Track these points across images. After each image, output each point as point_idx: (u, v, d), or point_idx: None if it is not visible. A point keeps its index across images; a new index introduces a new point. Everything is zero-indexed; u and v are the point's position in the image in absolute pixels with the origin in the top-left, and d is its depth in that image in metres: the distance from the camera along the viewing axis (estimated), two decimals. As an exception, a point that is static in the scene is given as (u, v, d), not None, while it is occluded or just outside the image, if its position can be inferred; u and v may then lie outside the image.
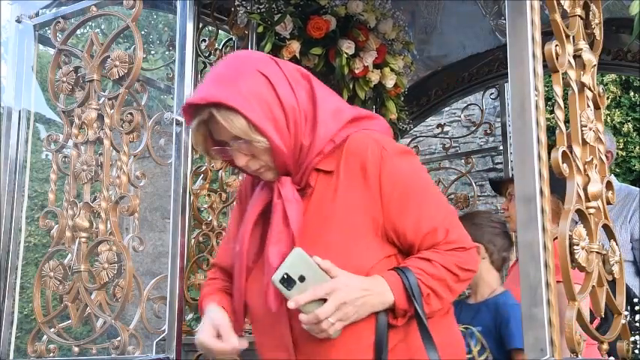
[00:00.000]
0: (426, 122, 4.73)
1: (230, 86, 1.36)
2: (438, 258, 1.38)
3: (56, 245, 2.51)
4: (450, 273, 1.38)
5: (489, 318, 2.26)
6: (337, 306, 1.28)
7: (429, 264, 1.36)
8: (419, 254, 1.39)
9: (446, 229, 1.41)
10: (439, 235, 1.39)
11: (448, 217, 1.45)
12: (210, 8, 2.87)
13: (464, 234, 1.46)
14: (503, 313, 2.23)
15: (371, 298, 1.32)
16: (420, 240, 1.39)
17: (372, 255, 1.38)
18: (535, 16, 1.63)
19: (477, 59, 3.77)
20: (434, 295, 1.36)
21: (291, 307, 1.28)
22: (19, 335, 2.79)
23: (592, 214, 1.70)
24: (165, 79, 3.39)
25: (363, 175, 1.39)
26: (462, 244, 1.42)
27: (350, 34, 2.92)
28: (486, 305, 2.30)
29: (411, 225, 1.39)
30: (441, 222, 1.41)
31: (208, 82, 1.43)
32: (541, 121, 1.58)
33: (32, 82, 2.82)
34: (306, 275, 1.29)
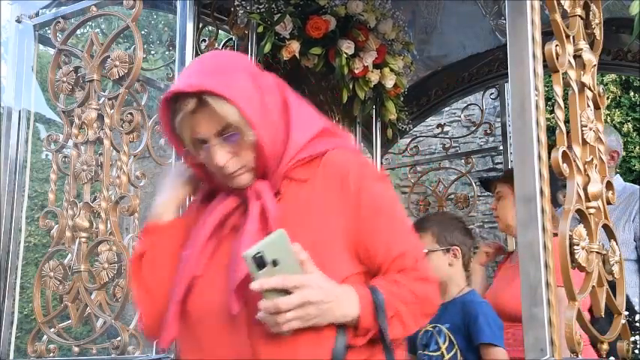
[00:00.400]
0: (426, 122, 4.73)
1: (219, 76, 1.33)
2: (407, 282, 1.32)
3: (56, 245, 2.51)
4: (416, 300, 1.32)
5: (458, 316, 2.31)
6: (302, 303, 1.20)
7: (397, 286, 1.30)
8: (388, 276, 1.33)
9: (415, 258, 1.36)
10: (408, 260, 1.34)
11: (418, 247, 1.43)
12: (210, 8, 2.87)
13: (429, 269, 1.41)
14: (471, 311, 2.29)
15: (337, 306, 1.25)
16: (390, 262, 1.34)
17: (344, 268, 1.32)
18: (535, 16, 1.63)
19: (477, 59, 3.77)
20: (398, 321, 1.29)
21: (254, 288, 1.19)
22: (19, 335, 2.79)
23: (592, 214, 1.70)
24: (165, 79, 3.39)
25: (341, 189, 1.35)
26: (428, 276, 1.36)
27: (350, 34, 2.92)
28: (454, 304, 2.36)
29: (382, 246, 1.34)
30: (411, 249, 1.37)
31: (194, 72, 1.37)
32: (541, 121, 1.58)
33: (32, 82, 2.82)
34: (281, 260, 1.20)
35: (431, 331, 2.35)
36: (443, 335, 2.31)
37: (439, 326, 2.34)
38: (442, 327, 2.32)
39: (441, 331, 2.32)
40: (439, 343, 2.29)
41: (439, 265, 2.38)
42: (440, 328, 2.33)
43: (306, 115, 1.43)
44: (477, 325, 2.25)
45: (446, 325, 2.32)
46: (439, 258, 2.40)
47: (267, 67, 3.02)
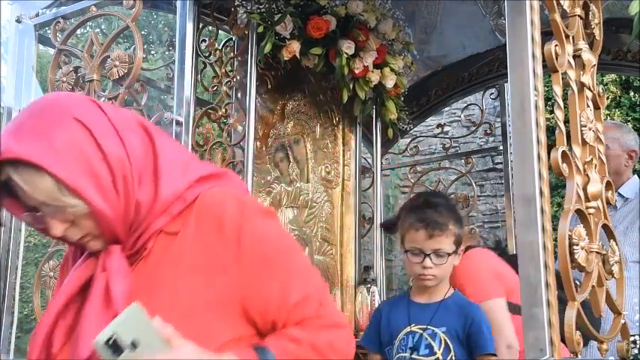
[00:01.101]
0: (426, 122, 4.73)
1: (35, 138, 1.08)
2: (307, 336, 1.14)
3: (56, 245, 2.51)
4: (320, 355, 1.14)
5: (457, 321, 2.14)
6: None
7: (295, 344, 1.12)
8: (283, 331, 1.15)
9: (319, 301, 1.18)
10: (309, 308, 1.16)
11: (320, 288, 1.22)
12: (210, 8, 2.87)
13: (338, 311, 1.25)
14: (474, 318, 2.14)
15: None
16: (286, 314, 1.15)
17: (224, 333, 1.13)
18: (535, 16, 1.63)
19: (477, 59, 3.77)
20: None
21: None
22: (19, 335, 2.79)
23: (592, 214, 1.70)
24: (165, 79, 3.39)
25: (218, 235, 1.15)
26: (336, 320, 1.20)
27: (350, 34, 2.92)
28: (447, 306, 2.19)
29: (275, 295, 1.14)
30: (312, 292, 1.18)
31: (6, 133, 1.11)
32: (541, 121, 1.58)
33: (32, 82, 2.82)
34: (141, 340, 1.00)
35: (419, 334, 2.15)
36: (438, 339, 2.12)
37: (433, 329, 2.15)
38: (437, 330, 2.14)
39: (436, 334, 2.14)
40: (434, 347, 2.11)
41: (449, 268, 2.19)
42: (434, 331, 2.15)
43: (177, 159, 1.22)
44: (483, 335, 2.11)
45: (442, 328, 2.14)
46: (453, 260, 2.20)
47: (267, 67, 3.03)
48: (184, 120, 2.44)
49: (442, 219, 2.14)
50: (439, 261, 2.12)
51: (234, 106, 2.79)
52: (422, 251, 2.13)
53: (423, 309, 2.20)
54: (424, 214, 2.15)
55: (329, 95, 3.41)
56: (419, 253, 2.13)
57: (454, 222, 2.17)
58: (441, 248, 2.12)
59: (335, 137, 3.42)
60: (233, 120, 2.71)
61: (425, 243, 2.12)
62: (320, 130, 3.36)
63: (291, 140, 3.23)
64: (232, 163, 2.72)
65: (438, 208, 2.16)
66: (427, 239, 2.11)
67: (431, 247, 2.12)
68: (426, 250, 2.12)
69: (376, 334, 2.29)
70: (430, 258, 2.12)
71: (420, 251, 2.13)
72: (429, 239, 2.11)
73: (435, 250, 2.12)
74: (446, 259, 2.13)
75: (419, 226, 2.13)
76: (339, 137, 3.43)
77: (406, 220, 2.19)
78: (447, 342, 2.12)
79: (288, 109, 3.25)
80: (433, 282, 2.16)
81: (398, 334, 2.19)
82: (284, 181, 3.15)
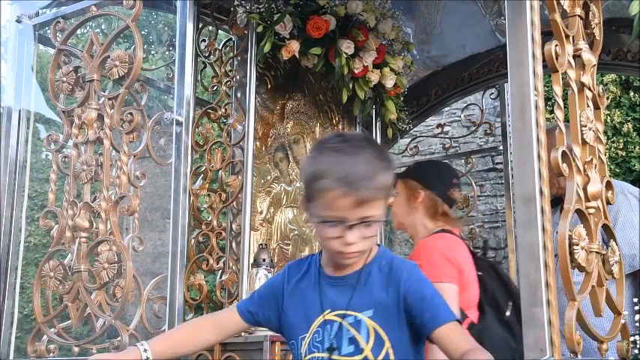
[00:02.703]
0: (426, 122, 4.73)
1: None
2: None
3: (56, 245, 2.51)
4: None
5: (381, 292, 1.45)
6: None
7: None
8: None
9: None
10: None
11: None
12: (210, 8, 2.87)
13: None
14: (407, 278, 1.45)
15: None
16: None
17: None
18: (535, 16, 1.63)
19: (476, 59, 3.77)
20: None
21: None
22: (19, 335, 2.79)
23: (592, 214, 1.70)
24: (165, 79, 3.39)
25: None
26: None
27: (349, 34, 2.92)
28: (368, 275, 1.48)
29: None
30: None
31: None
32: (541, 121, 1.58)
33: (32, 82, 2.82)
34: None
35: (337, 323, 1.44)
36: (365, 328, 1.42)
37: (356, 315, 1.44)
38: (362, 316, 1.44)
39: (361, 322, 1.43)
40: (359, 341, 1.42)
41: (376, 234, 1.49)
42: (357, 317, 1.44)
43: None
44: (429, 302, 1.42)
45: (367, 312, 1.44)
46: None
47: (267, 67, 3.03)
48: (184, 120, 2.45)
49: (371, 173, 1.40)
50: (368, 232, 1.41)
51: (234, 105, 2.79)
52: (344, 221, 1.39)
53: (338, 285, 1.48)
54: (345, 170, 1.38)
55: (329, 95, 3.41)
56: (339, 223, 1.39)
57: (386, 172, 1.43)
58: (371, 216, 1.40)
59: (335, 137, 3.42)
60: (233, 120, 2.71)
61: (349, 212, 1.38)
62: (320, 130, 3.36)
63: (290, 140, 3.23)
64: (232, 163, 2.72)
65: (358, 152, 1.41)
66: (353, 207, 1.37)
67: (357, 215, 1.38)
68: (350, 220, 1.38)
69: (265, 301, 1.57)
70: (353, 230, 1.40)
71: (341, 221, 1.39)
72: (355, 207, 1.37)
73: (362, 219, 1.39)
74: (376, 227, 1.43)
75: (339, 190, 1.36)
76: (339, 137, 3.43)
77: (316, 176, 1.41)
78: (377, 330, 1.42)
79: (288, 109, 3.25)
80: (359, 259, 1.46)
81: (308, 322, 1.48)
82: (284, 181, 3.15)
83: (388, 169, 1.42)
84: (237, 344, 2.29)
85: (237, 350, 2.28)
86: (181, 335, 1.57)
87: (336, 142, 1.44)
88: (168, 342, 1.53)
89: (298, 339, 1.47)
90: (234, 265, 2.55)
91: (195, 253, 2.61)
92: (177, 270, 2.34)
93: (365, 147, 1.41)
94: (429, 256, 2.14)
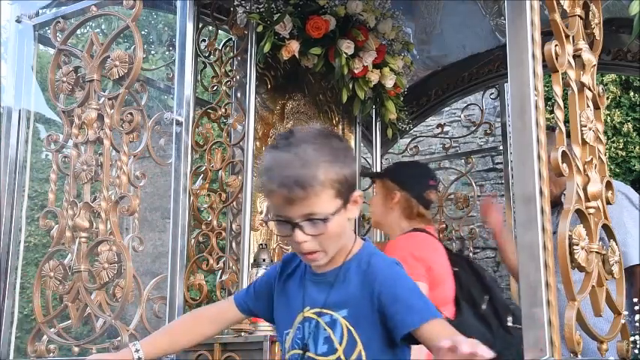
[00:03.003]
0: (426, 122, 4.73)
1: None
2: None
3: (56, 245, 2.51)
4: None
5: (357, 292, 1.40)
6: None
7: None
8: None
9: None
10: None
11: None
12: (210, 8, 2.87)
13: None
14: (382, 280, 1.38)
15: None
16: None
17: None
18: (535, 16, 1.63)
19: (476, 59, 3.77)
20: None
21: None
22: (19, 335, 2.79)
23: (592, 214, 1.70)
24: (165, 79, 3.39)
25: None
26: None
27: (349, 34, 2.92)
28: (346, 273, 1.43)
29: None
30: None
31: None
32: (541, 121, 1.58)
33: (32, 82, 2.82)
34: None
35: (315, 321, 1.41)
36: (339, 328, 1.38)
37: (332, 314, 1.40)
38: (337, 315, 1.39)
39: (336, 321, 1.39)
40: (334, 341, 1.38)
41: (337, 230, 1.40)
42: (333, 317, 1.40)
43: None
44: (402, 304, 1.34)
45: (342, 311, 1.39)
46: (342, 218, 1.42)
47: (267, 67, 3.03)
48: (184, 120, 2.45)
49: (304, 170, 1.32)
50: (317, 230, 1.35)
51: (234, 105, 2.79)
52: (289, 220, 1.36)
53: (319, 282, 1.45)
54: (278, 168, 1.34)
55: (329, 95, 3.41)
56: (286, 222, 1.37)
57: (327, 166, 1.33)
58: (315, 213, 1.34)
59: (335, 137, 3.42)
60: (233, 120, 2.71)
61: (290, 210, 1.34)
62: (320, 130, 3.36)
63: (291, 140, 3.23)
64: (232, 163, 2.72)
65: (297, 150, 1.34)
66: (290, 205, 1.33)
67: (298, 213, 1.34)
68: (294, 219, 1.35)
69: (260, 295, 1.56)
70: (301, 229, 1.35)
71: (287, 220, 1.37)
72: (292, 205, 1.33)
73: (305, 217, 1.34)
74: (324, 225, 1.34)
75: (272, 187, 1.34)
76: (339, 137, 3.43)
77: (260, 176, 1.43)
78: (350, 331, 1.37)
79: (288, 109, 3.25)
80: (322, 259, 1.40)
81: (291, 318, 1.46)
82: (284, 181, 3.15)
83: (333, 162, 1.33)
84: (237, 344, 2.29)
85: (237, 350, 2.28)
86: (179, 329, 1.58)
87: (279, 138, 1.40)
88: (164, 337, 1.55)
89: (284, 334, 1.46)
90: (234, 265, 2.55)
91: (195, 253, 2.61)
92: (177, 270, 2.34)
93: (306, 142, 1.34)
94: (396, 256, 2.17)
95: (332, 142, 1.38)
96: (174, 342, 1.54)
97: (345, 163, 1.37)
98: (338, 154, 1.36)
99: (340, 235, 1.39)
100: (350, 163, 1.40)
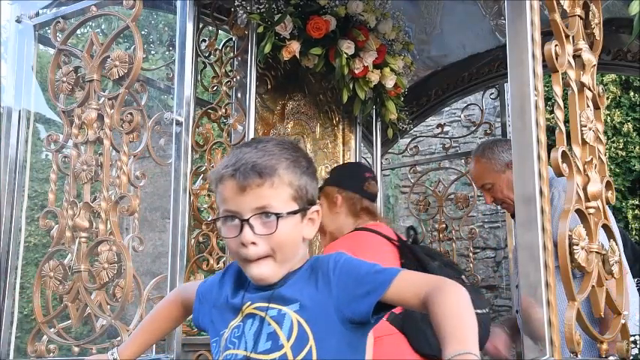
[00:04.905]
0: (426, 122, 4.74)
1: None
2: None
3: (56, 245, 2.51)
4: None
5: (308, 285, 1.28)
6: None
7: None
8: None
9: None
10: None
11: None
12: (210, 8, 2.87)
13: None
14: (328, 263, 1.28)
15: None
16: None
17: None
18: (535, 16, 1.63)
19: (476, 59, 3.78)
20: None
21: None
22: (19, 335, 2.79)
23: (592, 214, 1.70)
24: (165, 79, 3.39)
25: None
26: None
27: (350, 34, 2.92)
28: (298, 274, 1.31)
29: None
30: None
31: None
32: (541, 121, 1.58)
33: (32, 82, 2.82)
34: None
35: (259, 317, 1.27)
36: (288, 323, 1.24)
37: (281, 308, 1.26)
38: (287, 309, 1.25)
39: (285, 315, 1.24)
40: (279, 337, 1.23)
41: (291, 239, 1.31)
42: (282, 311, 1.25)
43: None
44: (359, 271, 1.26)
45: (293, 305, 1.25)
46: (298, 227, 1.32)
47: (267, 67, 3.03)
48: (184, 120, 2.44)
49: (264, 158, 1.24)
50: (266, 229, 1.23)
51: (234, 106, 2.79)
52: (238, 215, 1.23)
53: (262, 288, 1.30)
54: (238, 157, 1.26)
55: (329, 95, 3.41)
56: (234, 217, 1.24)
57: (288, 164, 1.26)
58: (268, 205, 1.22)
59: (335, 137, 3.42)
60: (233, 120, 2.71)
61: (239, 201, 1.23)
62: (320, 130, 3.36)
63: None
64: (232, 163, 2.71)
65: (260, 145, 1.28)
66: (240, 194, 1.22)
67: (250, 205, 1.22)
68: (245, 212, 1.23)
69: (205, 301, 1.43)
70: (251, 227, 1.22)
71: (236, 215, 1.24)
72: (242, 194, 1.22)
73: (258, 210, 1.23)
74: (275, 224, 1.22)
75: (226, 174, 1.24)
76: (339, 137, 3.43)
77: (214, 172, 1.32)
78: (301, 325, 1.23)
79: (288, 109, 3.25)
80: (270, 270, 1.26)
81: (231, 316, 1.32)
82: (284, 181, 3.15)
83: (295, 165, 1.27)
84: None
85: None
86: (153, 324, 1.52)
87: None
88: (139, 337, 1.51)
89: (219, 334, 1.32)
90: (234, 265, 2.54)
91: (195, 253, 2.61)
92: (177, 270, 2.34)
93: (271, 141, 1.30)
94: None
95: (298, 151, 1.32)
96: (152, 338, 1.53)
97: (307, 174, 1.29)
98: (301, 161, 1.29)
99: (292, 248, 1.27)
100: (312, 176, 1.31)
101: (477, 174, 2.78)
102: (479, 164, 2.74)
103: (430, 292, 1.16)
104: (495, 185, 2.68)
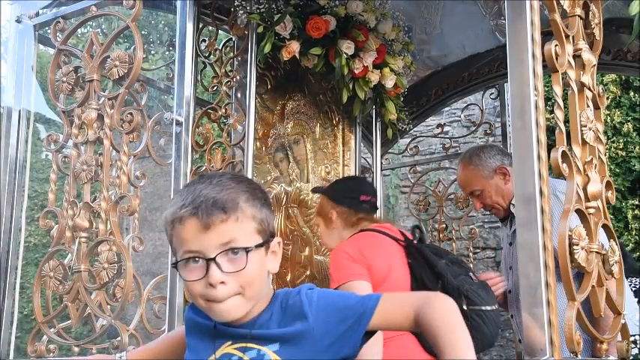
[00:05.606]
0: (426, 122, 4.74)
1: None
2: None
3: (56, 245, 2.51)
4: None
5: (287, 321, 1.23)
6: None
7: None
8: None
9: None
10: None
11: None
12: (210, 8, 2.87)
13: None
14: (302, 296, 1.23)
15: None
16: None
17: None
18: (535, 16, 1.63)
19: (477, 59, 3.78)
20: None
21: None
22: (19, 335, 2.79)
23: (592, 214, 1.70)
24: (165, 79, 3.39)
25: None
26: None
27: (350, 35, 2.92)
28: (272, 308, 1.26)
29: None
30: None
31: None
32: (541, 121, 1.58)
33: (32, 82, 2.82)
34: None
35: (238, 358, 1.21)
36: None
37: (260, 349, 1.21)
38: (266, 349, 1.20)
39: (264, 357, 1.19)
40: None
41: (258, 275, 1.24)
42: (261, 351, 1.20)
43: None
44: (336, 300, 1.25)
45: (272, 346, 1.20)
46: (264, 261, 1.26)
47: (267, 67, 3.03)
48: (184, 120, 2.44)
49: (223, 193, 1.19)
50: (234, 266, 1.17)
51: (234, 106, 2.79)
52: (203, 255, 1.17)
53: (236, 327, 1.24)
54: (194, 194, 1.19)
55: (329, 95, 3.41)
56: (198, 259, 1.18)
57: (248, 197, 1.22)
58: (234, 239, 1.18)
59: (335, 137, 3.42)
60: (233, 120, 2.71)
61: (202, 240, 1.17)
62: (320, 131, 3.36)
63: (291, 140, 3.23)
64: (232, 163, 2.72)
65: (214, 180, 1.22)
66: (203, 232, 1.17)
67: (215, 242, 1.17)
68: (210, 251, 1.17)
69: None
70: (218, 265, 1.16)
71: (200, 255, 1.17)
72: (208, 232, 1.16)
73: (224, 246, 1.17)
74: (244, 259, 1.17)
75: (184, 214, 1.18)
76: (338, 137, 3.43)
77: (169, 212, 1.22)
78: None
79: (288, 109, 3.25)
80: (238, 307, 1.20)
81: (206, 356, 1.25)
82: (284, 182, 3.16)
83: (253, 197, 1.22)
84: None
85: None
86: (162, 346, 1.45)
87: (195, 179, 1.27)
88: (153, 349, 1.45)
89: None
90: (234, 265, 2.54)
91: (195, 253, 2.61)
92: (177, 270, 2.34)
93: (224, 175, 1.24)
94: (335, 261, 2.25)
95: (252, 183, 1.27)
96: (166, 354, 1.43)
97: (265, 206, 1.25)
98: (257, 193, 1.24)
99: (260, 283, 1.21)
100: (269, 207, 1.27)
101: (465, 181, 2.78)
102: (466, 171, 2.74)
103: (419, 309, 1.15)
104: (484, 191, 2.68)
